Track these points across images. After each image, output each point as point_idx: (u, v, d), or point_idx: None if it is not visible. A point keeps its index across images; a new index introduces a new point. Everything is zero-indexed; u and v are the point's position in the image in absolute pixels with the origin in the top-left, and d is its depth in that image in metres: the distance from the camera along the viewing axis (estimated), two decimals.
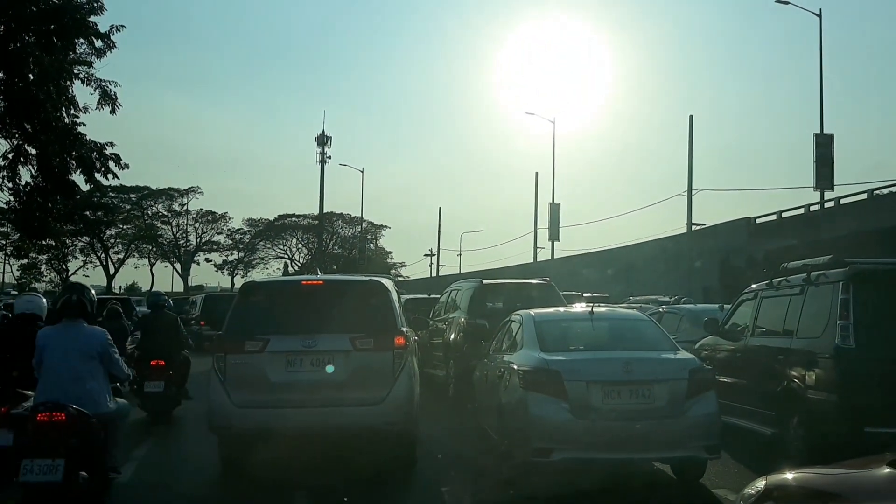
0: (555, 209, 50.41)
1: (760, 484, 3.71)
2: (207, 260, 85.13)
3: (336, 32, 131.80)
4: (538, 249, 52.61)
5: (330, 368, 7.68)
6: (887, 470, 3.22)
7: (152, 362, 11.20)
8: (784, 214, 33.69)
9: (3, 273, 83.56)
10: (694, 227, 37.23)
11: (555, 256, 50.00)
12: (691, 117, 37.81)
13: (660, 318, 12.59)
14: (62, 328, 6.43)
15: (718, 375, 8.69)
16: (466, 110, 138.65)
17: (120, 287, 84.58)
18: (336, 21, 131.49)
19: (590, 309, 8.81)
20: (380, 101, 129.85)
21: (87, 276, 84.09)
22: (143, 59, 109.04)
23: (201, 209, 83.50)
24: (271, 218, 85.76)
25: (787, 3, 35.69)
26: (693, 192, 36.58)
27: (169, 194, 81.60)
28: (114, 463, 6.60)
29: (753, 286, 10.18)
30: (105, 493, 6.38)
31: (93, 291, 6.80)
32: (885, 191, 29.95)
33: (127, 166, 22.87)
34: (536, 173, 53.38)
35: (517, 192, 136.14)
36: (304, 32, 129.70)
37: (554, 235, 50.01)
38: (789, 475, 3.67)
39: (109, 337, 6.59)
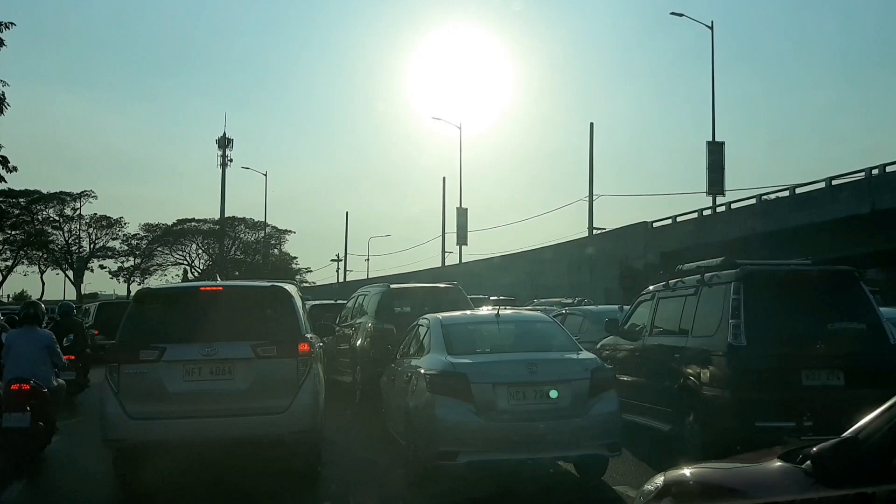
0: (462, 214, 50.84)
1: (659, 480, 3.80)
2: (102, 267, 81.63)
3: (238, 32, 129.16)
4: (446, 254, 52.98)
5: (231, 378, 7.47)
6: (778, 463, 3.35)
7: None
8: (679, 218, 35.01)
9: None
10: (595, 231, 38.25)
11: (463, 260, 50.42)
12: (592, 124, 38.98)
13: (563, 319, 12.83)
14: (24, 331, 9.61)
15: (619, 374, 8.93)
16: (373, 114, 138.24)
17: (8, 296, 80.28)
18: (239, 21, 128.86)
19: (496, 312, 8.88)
20: (284, 104, 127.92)
21: None
22: (33, 57, 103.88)
23: (95, 214, 80.00)
24: (170, 223, 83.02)
25: (682, 15, 37.19)
26: (594, 197, 37.60)
27: (61, 198, 77.84)
28: (56, 418, 9.58)
29: (651, 287, 10.50)
30: (52, 435, 9.39)
31: (42, 306, 10.28)
32: (773, 196, 31.52)
33: (15, 169, 21.80)
34: (444, 178, 53.81)
35: (425, 196, 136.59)
36: (204, 32, 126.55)
37: (461, 240, 50.45)
38: (686, 470, 3.77)
39: (54, 337, 9.92)
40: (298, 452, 7.85)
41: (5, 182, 22.30)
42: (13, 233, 75.47)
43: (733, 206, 33.33)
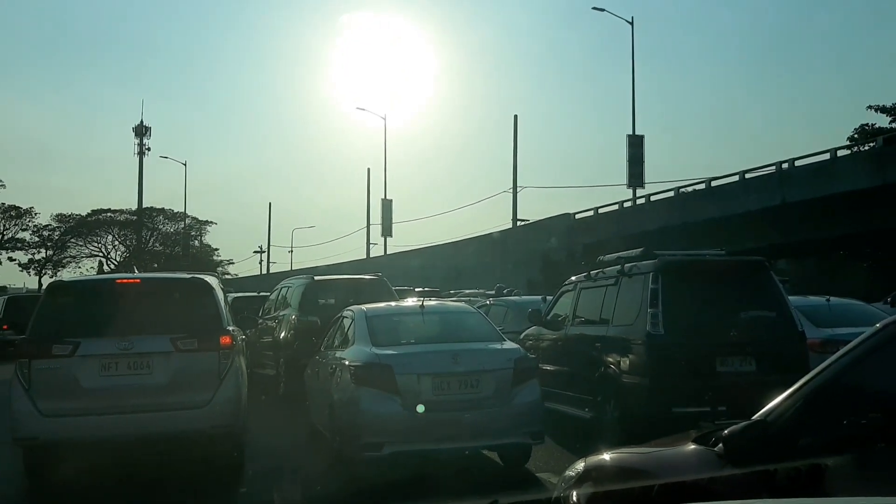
0: (387, 205, 50.74)
1: (580, 465, 3.88)
2: (11, 259, 78.28)
3: (157, 18, 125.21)
4: (371, 245, 52.75)
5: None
6: (692, 446, 3.47)
7: None
8: (600, 210, 35.78)
9: None
10: (519, 223, 38.71)
11: (387, 252, 50.32)
12: (515, 117, 39.39)
13: (487, 310, 12.94)
14: None
15: (542, 364, 9.07)
16: (297, 104, 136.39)
17: None
18: (157, 6, 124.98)
19: (420, 303, 8.90)
20: (205, 92, 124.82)
21: None
22: None
23: (3, 204, 76.66)
24: (84, 213, 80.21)
25: (603, 10, 37.85)
26: (518, 188, 38.04)
27: None
28: None
29: (573, 278, 10.69)
30: None
31: None
32: (690, 188, 32.51)
33: None
34: (368, 169, 53.51)
35: (350, 187, 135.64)
36: (119, 14, 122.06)
37: (386, 231, 50.37)
38: (606, 455, 3.87)
39: None
40: (221, 447, 7.73)
41: None
42: None
43: (652, 198, 34.24)
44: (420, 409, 7.12)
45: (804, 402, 3.23)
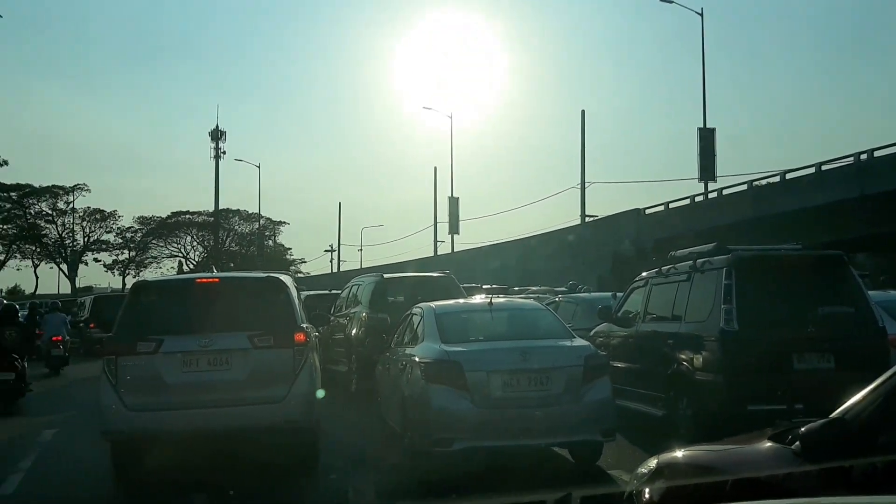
0: (454, 203, 50.85)
1: (652, 463, 3.87)
2: (96, 260, 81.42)
3: (229, 22, 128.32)
4: (438, 243, 52.99)
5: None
6: (768, 444, 3.43)
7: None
8: (671, 205, 35.10)
9: None
10: (587, 219, 38.34)
11: (455, 250, 50.47)
12: (583, 112, 39.01)
13: (556, 307, 12.90)
14: None
15: (612, 361, 9.00)
16: (365, 105, 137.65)
17: (1, 290, 79.92)
18: (229, 11, 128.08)
19: (489, 300, 8.95)
20: (276, 95, 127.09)
21: None
22: (22, 49, 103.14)
23: (88, 207, 79.66)
24: (164, 215, 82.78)
25: (672, 2, 37.13)
26: (586, 184, 37.69)
27: (53, 192, 77.47)
28: None
29: (644, 274, 10.57)
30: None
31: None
32: (763, 181, 31.63)
33: (6, 163, 21.79)
34: (435, 167, 53.69)
35: (417, 186, 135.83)
36: (195, 22, 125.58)
37: (453, 229, 50.48)
38: (679, 453, 3.84)
39: None
40: (295, 441, 7.92)
41: None
42: (5, 227, 75.24)
43: (725, 192, 33.45)
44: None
45: (884, 399, 3.16)
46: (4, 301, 17.12)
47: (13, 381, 13.46)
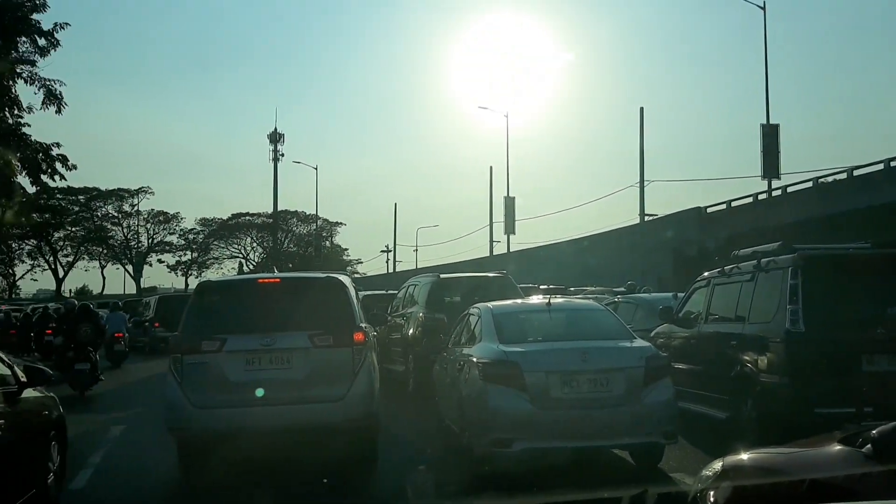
0: (510, 203, 50.69)
1: (717, 465, 3.80)
2: (160, 261, 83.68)
3: (286, 27, 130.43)
4: (494, 243, 52.90)
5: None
6: (838, 447, 3.33)
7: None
8: (733, 203, 34.37)
9: None
10: (647, 218, 37.80)
11: (511, 250, 50.30)
12: (642, 109, 38.45)
13: (615, 307, 12.76)
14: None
15: (674, 362, 8.86)
16: (421, 105, 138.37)
17: (70, 290, 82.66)
18: (286, 16, 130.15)
19: (547, 300, 8.89)
20: (332, 97, 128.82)
21: (36, 280, 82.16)
22: (89, 56, 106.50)
23: (152, 209, 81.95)
24: (225, 217, 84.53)
25: None
26: (645, 182, 37.18)
27: (119, 195, 79.90)
28: None
29: (706, 274, 10.38)
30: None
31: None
32: (829, 179, 30.74)
33: (74, 167, 22.46)
34: (491, 167, 53.67)
35: (472, 186, 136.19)
36: (253, 27, 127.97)
37: (509, 229, 50.31)
38: (744, 456, 3.77)
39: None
40: (355, 440, 8.00)
41: (65, 180, 22.95)
42: (73, 229, 77.74)
43: (789, 189, 32.63)
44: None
45: None
46: (76, 302, 18.71)
47: (88, 371, 15.44)
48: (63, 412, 7.43)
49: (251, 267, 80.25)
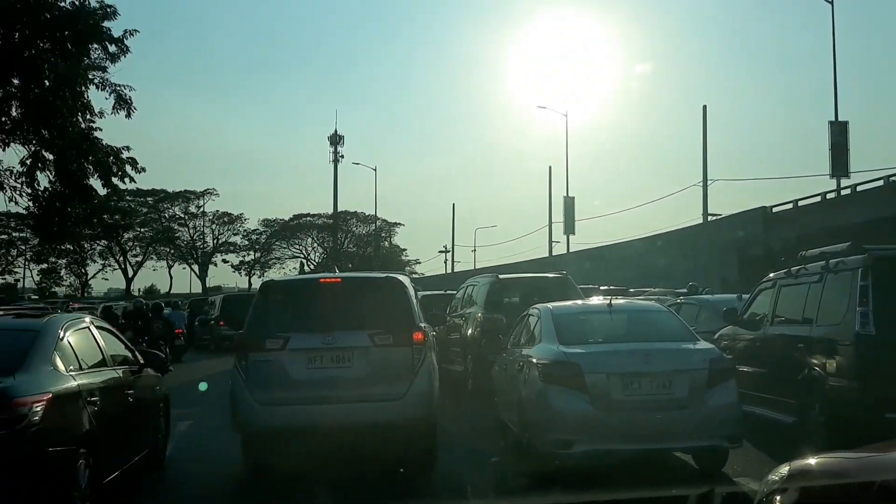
0: (569, 202, 50.29)
1: (784, 470, 3.71)
2: (224, 261, 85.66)
3: (345, 30, 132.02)
4: (553, 243, 52.54)
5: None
6: None
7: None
8: (800, 203, 33.49)
9: (24, 278, 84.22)
10: (710, 217, 37.09)
11: (570, 250, 49.93)
12: (705, 107, 37.70)
13: (678, 309, 12.57)
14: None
15: (738, 365, 8.69)
16: (478, 105, 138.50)
17: (138, 290, 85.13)
18: (345, 19, 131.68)
19: (608, 301, 8.82)
20: (391, 99, 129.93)
21: (107, 280, 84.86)
22: (156, 62, 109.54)
23: (217, 211, 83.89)
24: (286, 218, 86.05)
25: None
26: (708, 182, 36.47)
27: (185, 197, 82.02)
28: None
29: (772, 275, 10.15)
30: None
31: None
32: None
33: (143, 170, 23.07)
34: (550, 167, 53.26)
35: (531, 186, 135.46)
36: (314, 32, 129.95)
37: (569, 229, 49.91)
38: (812, 460, 3.67)
39: None
40: (414, 438, 8.06)
41: (134, 182, 23.62)
42: (142, 230, 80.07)
43: (859, 188, 31.63)
44: None
45: None
46: (143, 301, 20.48)
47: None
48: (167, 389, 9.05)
49: (312, 267, 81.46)
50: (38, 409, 5.38)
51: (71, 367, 6.21)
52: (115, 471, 6.65)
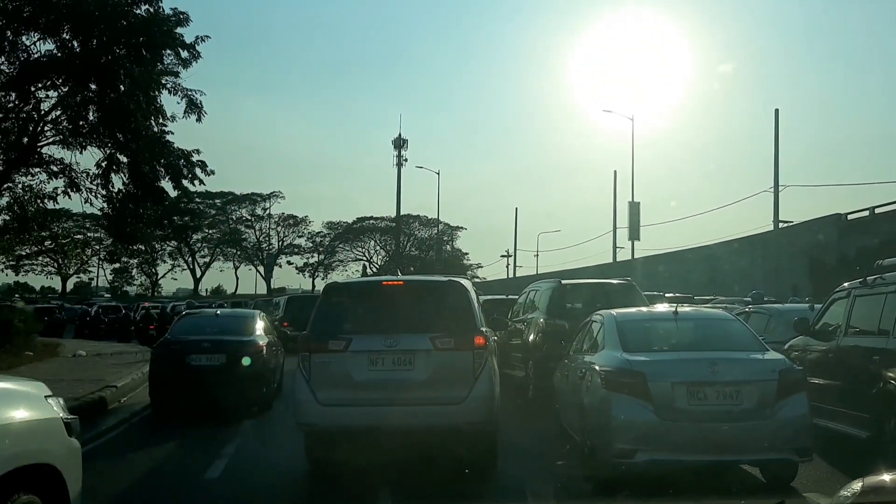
0: (634, 208, 49.55)
1: (857, 486, 3.58)
2: (289, 262, 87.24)
3: (411, 34, 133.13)
4: (617, 249, 51.89)
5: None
6: None
7: None
8: (877, 210, 32.32)
9: (98, 277, 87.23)
10: (781, 224, 36.13)
11: (635, 256, 49.22)
12: (777, 111, 36.77)
13: (747, 318, 12.26)
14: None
15: (809, 377, 8.42)
16: (543, 109, 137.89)
17: (206, 290, 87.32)
18: (411, 23, 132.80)
19: (674, 309, 8.65)
20: (455, 102, 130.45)
21: (176, 280, 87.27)
22: (225, 66, 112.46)
23: (283, 213, 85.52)
24: (350, 221, 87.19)
25: None
26: (780, 187, 35.53)
27: (252, 199, 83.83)
28: None
29: (846, 284, 9.81)
30: None
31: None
32: None
33: (212, 172, 23.57)
34: (615, 171, 52.65)
35: (595, 191, 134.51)
36: (379, 36, 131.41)
37: (634, 234, 49.16)
38: (887, 476, 3.53)
39: None
40: (475, 443, 8.03)
41: (203, 185, 24.18)
42: (210, 232, 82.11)
43: None
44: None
45: None
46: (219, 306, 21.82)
47: None
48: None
49: (374, 270, 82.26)
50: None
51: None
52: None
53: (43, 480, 4.15)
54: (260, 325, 13.99)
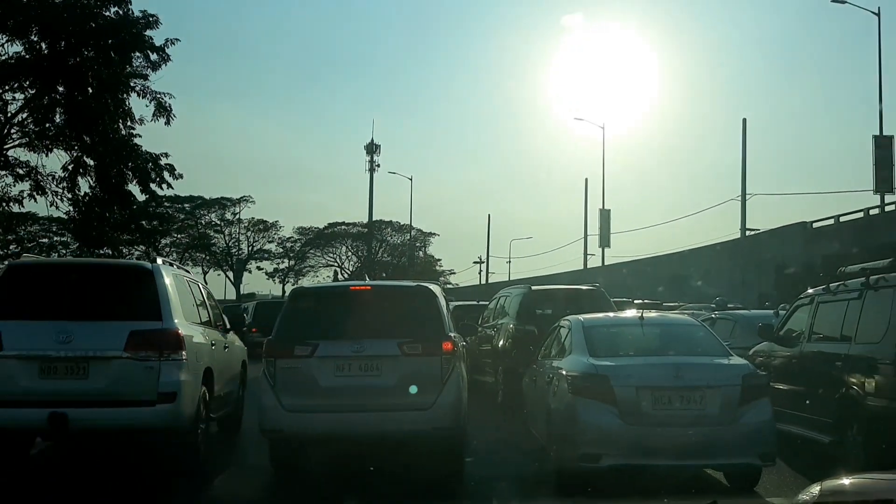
0: (605, 215, 49.98)
1: (815, 489, 3.61)
2: (259, 268, 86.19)
3: (383, 40, 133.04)
4: (588, 256, 52.22)
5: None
6: None
7: None
8: (842, 218, 32.87)
9: None
10: (748, 232, 36.62)
11: (605, 263, 49.55)
12: (744, 120, 37.37)
13: (712, 324, 12.38)
14: None
15: (773, 382, 8.51)
16: (515, 117, 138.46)
17: None
18: (383, 29, 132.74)
19: (640, 314, 8.70)
20: (428, 109, 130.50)
21: None
22: (195, 70, 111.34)
23: (253, 218, 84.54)
24: (321, 226, 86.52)
25: (844, 2, 34.89)
26: (747, 196, 36.02)
27: (222, 203, 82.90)
28: None
29: (810, 291, 9.95)
30: None
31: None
32: None
33: (181, 176, 23.42)
34: (586, 179, 53.04)
35: (567, 198, 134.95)
36: (352, 42, 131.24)
37: (604, 242, 49.59)
38: (846, 480, 3.57)
39: None
40: (442, 448, 8.00)
41: (172, 189, 23.97)
42: (179, 236, 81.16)
43: None
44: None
45: None
46: None
47: None
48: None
49: (346, 275, 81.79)
50: None
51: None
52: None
53: None
54: None
